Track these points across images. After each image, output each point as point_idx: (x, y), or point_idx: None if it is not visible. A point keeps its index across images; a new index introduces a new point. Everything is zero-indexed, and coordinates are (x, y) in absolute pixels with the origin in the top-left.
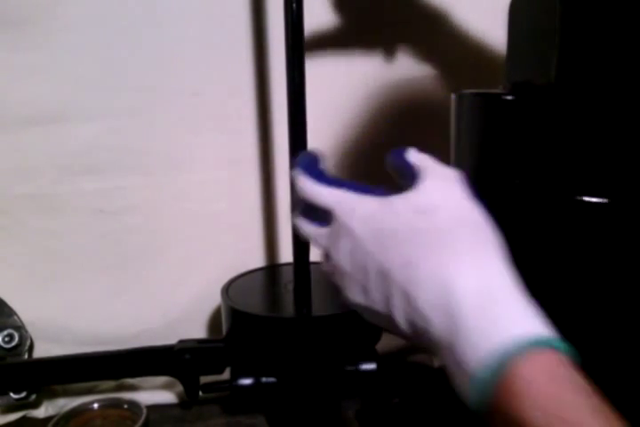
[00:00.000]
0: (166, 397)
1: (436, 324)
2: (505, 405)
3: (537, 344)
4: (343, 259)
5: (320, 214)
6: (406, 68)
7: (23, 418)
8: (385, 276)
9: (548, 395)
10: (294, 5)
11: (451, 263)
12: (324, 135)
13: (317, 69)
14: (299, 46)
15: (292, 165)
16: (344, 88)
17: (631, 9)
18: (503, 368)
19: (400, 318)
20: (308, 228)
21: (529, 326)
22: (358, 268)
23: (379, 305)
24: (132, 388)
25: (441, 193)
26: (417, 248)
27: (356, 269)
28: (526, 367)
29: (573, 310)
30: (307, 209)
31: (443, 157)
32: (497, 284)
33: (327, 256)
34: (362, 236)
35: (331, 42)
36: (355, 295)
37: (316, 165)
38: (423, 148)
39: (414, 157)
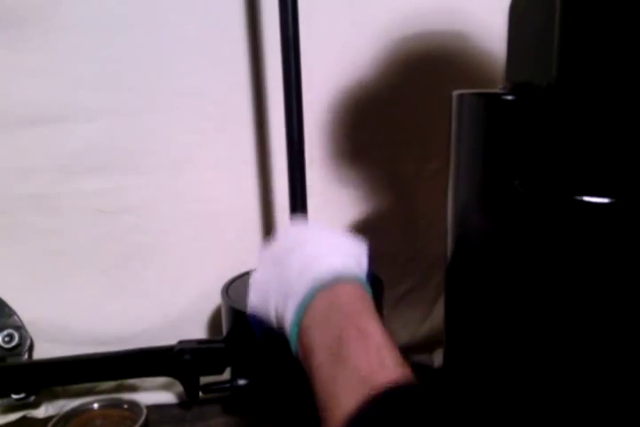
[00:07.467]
0: (166, 397)
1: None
2: (302, 341)
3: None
4: None
5: None
6: (405, 68)
7: (23, 418)
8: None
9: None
10: (289, 3)
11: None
12: None
13: None
14: (295, 45)
15: None
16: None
17: (632, 9)
18: (303, 309)
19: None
20: None
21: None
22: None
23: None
24: (132, 388)
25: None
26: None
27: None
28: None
29: (573, 311)
30: None
31: (443, 157)
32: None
33: None
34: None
35: None
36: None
37: None
38: (423, 148)
39: None
